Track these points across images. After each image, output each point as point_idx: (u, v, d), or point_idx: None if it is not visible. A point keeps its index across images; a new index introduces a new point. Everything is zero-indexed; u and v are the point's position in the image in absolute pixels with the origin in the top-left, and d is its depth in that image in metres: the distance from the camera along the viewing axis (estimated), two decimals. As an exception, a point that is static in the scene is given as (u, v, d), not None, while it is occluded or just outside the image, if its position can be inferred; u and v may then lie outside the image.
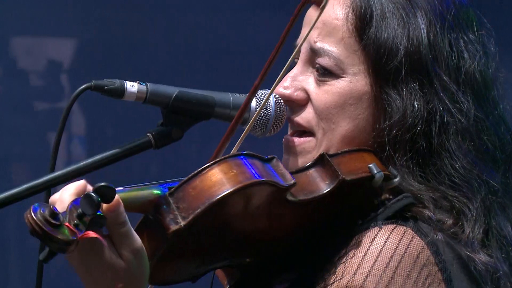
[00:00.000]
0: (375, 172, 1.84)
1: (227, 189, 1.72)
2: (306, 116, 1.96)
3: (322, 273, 1.80)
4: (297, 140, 1.97)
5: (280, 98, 2.04)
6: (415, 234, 1.81)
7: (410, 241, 1.80)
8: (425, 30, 1.90)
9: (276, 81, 1.94)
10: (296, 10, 1.86)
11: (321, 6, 1.88)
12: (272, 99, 2.05)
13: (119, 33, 5.15)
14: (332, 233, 1.85)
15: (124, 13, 5.14)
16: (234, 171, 1.73)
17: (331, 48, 1.92)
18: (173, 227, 1.70)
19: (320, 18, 1.92)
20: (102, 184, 1.63)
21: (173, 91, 2.00)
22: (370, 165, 1.85)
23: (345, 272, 1.78)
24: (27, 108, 5.47)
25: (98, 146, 4.73)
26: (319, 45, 1.93)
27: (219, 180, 1.72)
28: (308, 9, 1.99)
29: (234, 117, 2.02)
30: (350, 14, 1.92)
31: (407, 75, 1.89)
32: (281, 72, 1.92)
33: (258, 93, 2.08)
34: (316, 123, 1.94)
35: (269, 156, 1.82)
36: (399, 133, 1.88)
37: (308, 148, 1.95)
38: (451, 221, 1.85)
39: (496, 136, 1.93)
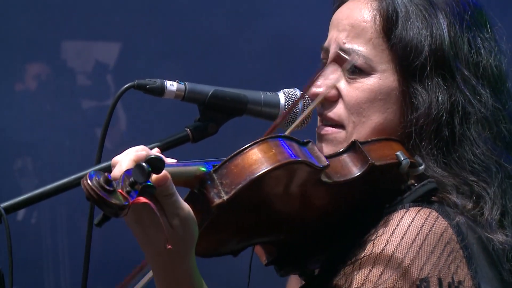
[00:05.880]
0: (402, 159, 1.82)
1: (266, 167, 1.70)
2: (337, 111, 1.94)
3: (352, 250, 1.79)
4: (330, 129, 1.95)
5: (307, 97, 2.02)
6: (439, 215, 1.79)
7: (435, 221, 1.78)
8: (446, 30, 1.89)
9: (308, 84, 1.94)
10: None
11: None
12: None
13: (160, 36, 5.15)
14: (361, 216, 1.84)
15: (164, 19, 5.14)
16: (273, 150, 1.71)
17: (360, 48, 1.90)
18: (217, 201, 1.69)
19: (347, 21, 1.92)
20: (153, 155, 1.60)
21: (209, 89, 1.99)
22: (397, 153, 1.83)
23: (375, 248, 1.76)
24: (75, 106, 5.47)
25: (140, 140, 4.75)
26: (348, 46, 1.91)
27: (259, 158, 1.70)
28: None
29: (265, 113, 2.02)
30: (377, 16, 1.90)
31: (431, 71, 1.88)
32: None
33: (286, 91, 2.09)
34: (347, 117, 1.92)
35: (305, 140, 1.80)
36: (425, 123, 1.87)
37: (339, 138, 1.93)
38: (471, 205, 1.83)
39: None
